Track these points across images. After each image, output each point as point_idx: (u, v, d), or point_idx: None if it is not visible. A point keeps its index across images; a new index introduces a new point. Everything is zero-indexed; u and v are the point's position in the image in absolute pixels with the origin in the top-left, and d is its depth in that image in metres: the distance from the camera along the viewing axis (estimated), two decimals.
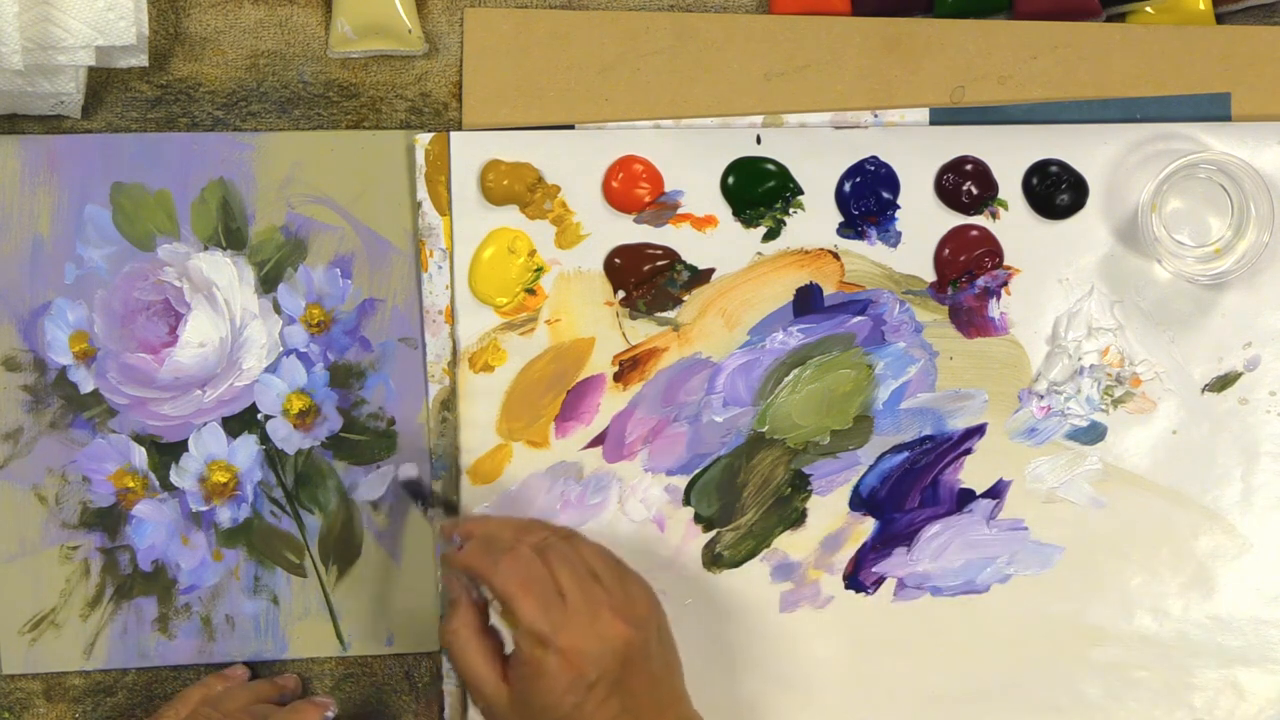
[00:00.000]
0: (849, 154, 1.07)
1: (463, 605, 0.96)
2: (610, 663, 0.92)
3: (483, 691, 0.94)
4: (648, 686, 0.94)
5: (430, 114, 1.07)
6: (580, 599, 0.93)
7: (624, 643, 0.93)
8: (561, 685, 0.91)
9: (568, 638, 0.92)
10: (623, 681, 0.93)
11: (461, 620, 0.95)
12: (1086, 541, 1.07)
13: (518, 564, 0.94)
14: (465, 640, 0.95)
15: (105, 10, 0.99)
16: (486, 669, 0.94)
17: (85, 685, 1.05)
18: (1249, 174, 1.04)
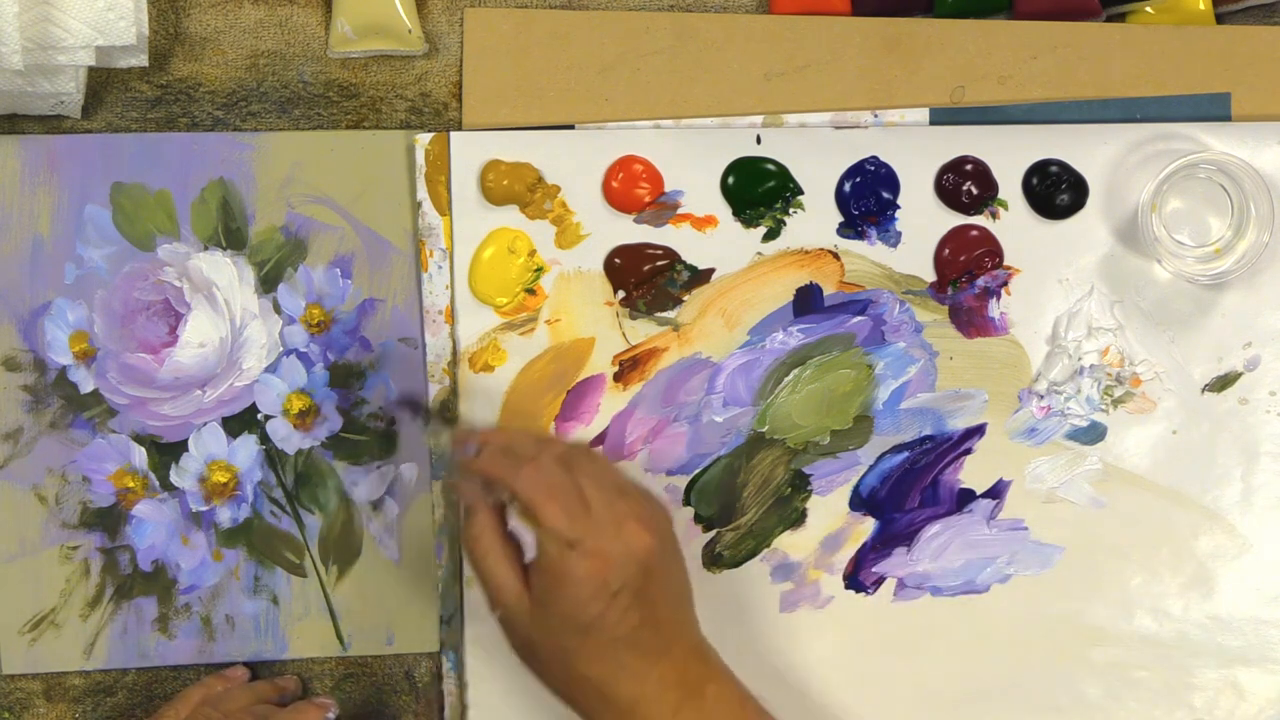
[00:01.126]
0: (849, 154, 1.07)
1: (482, 511, 0.94)
2: (634, 571, 0.92)
3: (504, 598, 0.93)
4: (667, 602, 0.94)
5: (430, 114, 1.07)
6: (604, 508, 0.93)
7: (647, 552, 0.92)
8: (587, 591, 0.91)
9: (594, 543, 0.91)
10: (644, 592, 0.92)
11: (482, 525, 0.94)
12: (1086, 541, 1.07)
13: (541, 472, 0.93)
14: (488, 545, 0.94)
15: (105, 10, 0.99)
16: (509, 575, 0.93)
17: (85, 685, 1.05)
18: (1249, 174, 1.04)
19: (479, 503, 0.94)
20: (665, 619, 0.93)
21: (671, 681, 0.93)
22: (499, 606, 0.94)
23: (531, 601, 0.92)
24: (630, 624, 0.92)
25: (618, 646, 0.92)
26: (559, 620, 0.92)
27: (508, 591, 0.93)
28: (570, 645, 0.92)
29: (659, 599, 0.93)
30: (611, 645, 0.92)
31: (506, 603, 0.93)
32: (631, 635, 0.92)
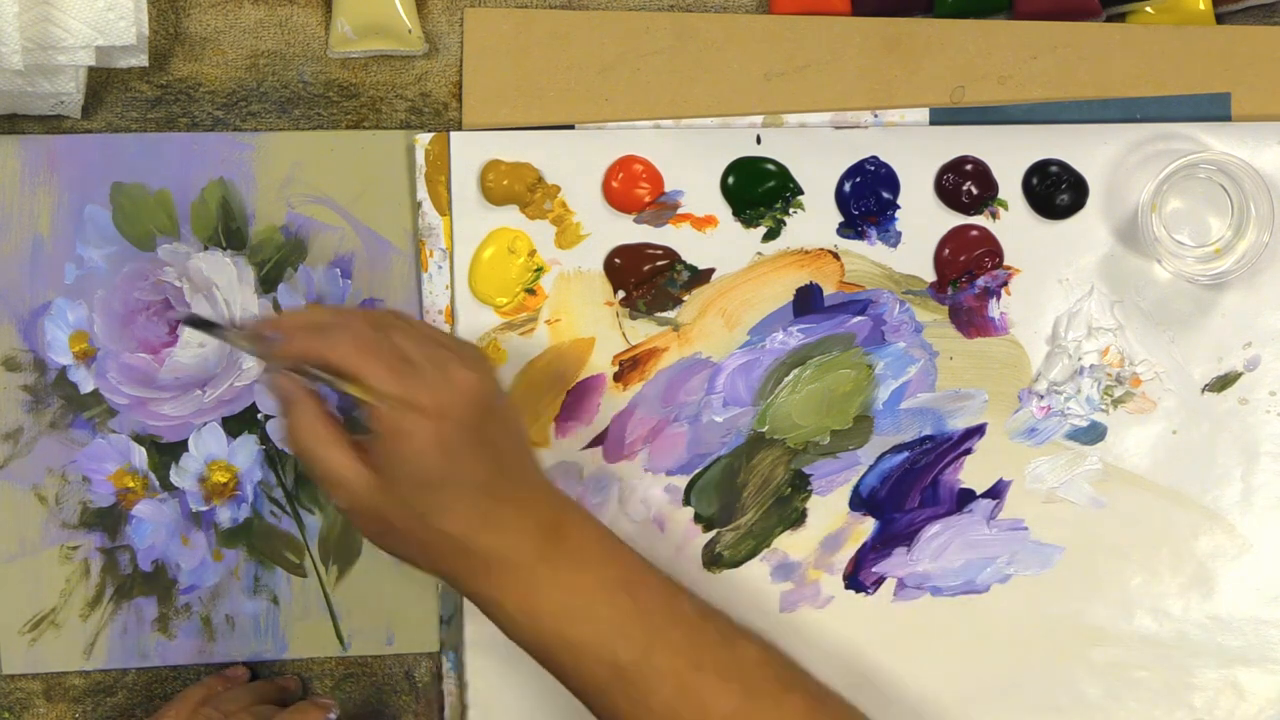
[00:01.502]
0: (849, 154, 1.07)
1: (301, 400, 0.91)
2: (470, 412, 0.89)
3: (346, 482, 0.90)
4: (509, 445, 0.91)
5: (430, 114, 1.07)
6: (426, 359, 0.90)
7: (480, 394, 0.90)
8: (430, 446, 0.88)
9: (425, 394, 0.88)
10: (486, 436, 0.90)
11: (305, 414, 0.90)
12: (1086, 541, 1.07)
13: (355, 336, 0.90)
14: (315, 434, 0.90)
15: (105, 10, 0.99)
16: (345, 457, 0.90)
17: (85, 685, 1.05)
18: (1249, 174, 1.04)
19: (296, 392, 0.91)
20: (512, 463, 0.91)
21: (530, 526, 0.90)
22: (341, 492, 0.90)
23: (375, 476, 0.89)
24: (480, 467, 0.89)
25: (471, 496, 0.89)
26: (408, 484, 0.89)
27: (348, 473, 0.90)
28: (424, 506, 0.89)
29: (501, 443, 0.91)
30: (464, 496, 0.89)
31: (349, 485, 0.90)
32: (482, 483, 0.89)
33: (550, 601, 0.90)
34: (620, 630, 0.90)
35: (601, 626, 0.90)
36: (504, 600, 0.91)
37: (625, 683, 0.90)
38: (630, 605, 0.91)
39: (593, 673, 0.91)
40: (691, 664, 0.90)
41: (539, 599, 0.90)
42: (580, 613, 0.90)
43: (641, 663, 0.90)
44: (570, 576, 0.91)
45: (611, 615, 0.90)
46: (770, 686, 0.91)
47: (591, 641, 0.90)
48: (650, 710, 0.90)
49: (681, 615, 0.92)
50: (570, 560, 0.91)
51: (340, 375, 0.89)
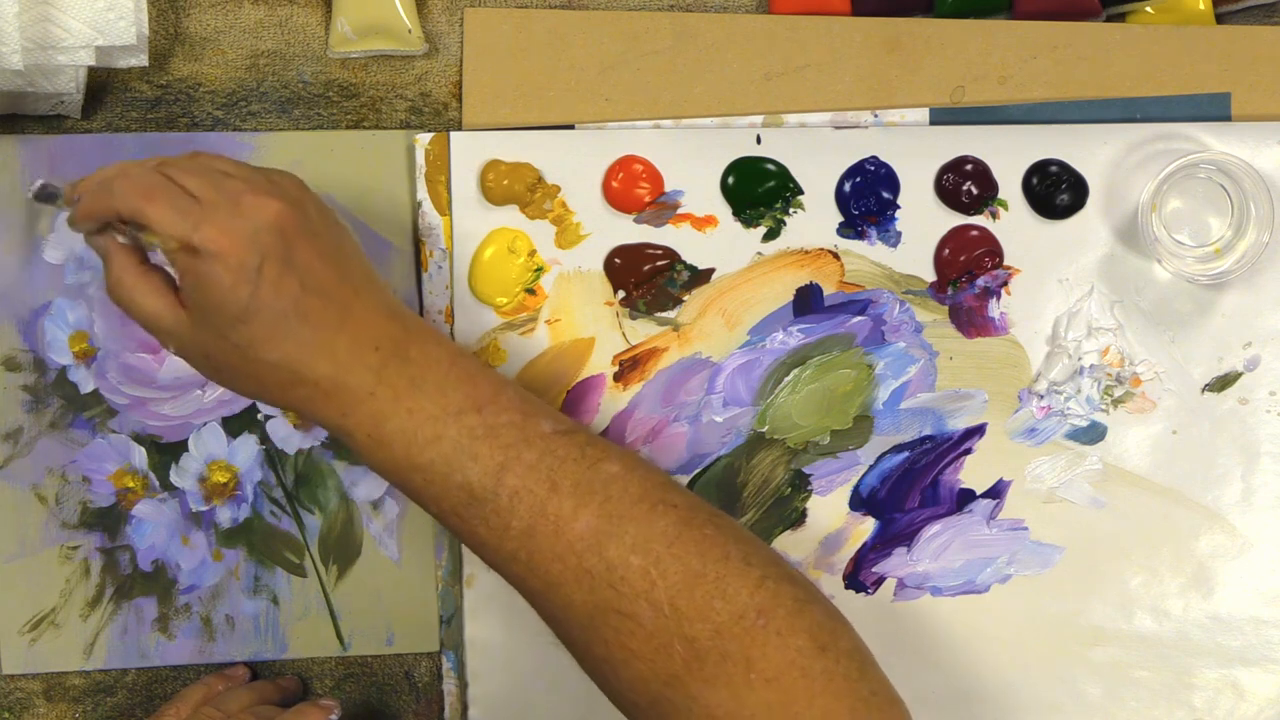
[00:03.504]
0: (849, 154, 1.07)
1: (114, 253, 0.91)
2: (269, 239, 0.88)
3: (164, 324, 0.90)
4: (327, 265, 0.89)
5: (430, 114, 1.07)
6: (213, 193, 0.89)
7: (276, 215, 0.88)
8: (227, 278, 0.87)
9: (211, 229, 0.87)
10: (292, 259, 0.88)
11: (118, 267, 0.90)
12: (1086, 541, 1.07)
13: (133, 180, 0.89)
14: (130, 283, 0.90)
15: (105, 10, 0.99)
16: (160, 301, 0.90)
17: (85, 685, 1.05)
18: (1249, 174, 1.04)
19: (109, 247, 0.91)
20: (331, 282, 0.89)
21: (365, 344, 0.89)
22: (164, 336, 0.90)
23: (189, 317, 0.89)
24: (290, 295, 0.88)
25: (286, 321, 0.88)
26: (218, 319, 0.88)
27: (164, 317, 0.90)
28: (239, 338, 0.88)
29: (314, 264, 0.89)
30: (279, 322, 0.88)
31: (168, 327, 0.90)
32: (297, 307, 0.88)
33: (396, 425, 0.88)
34: (470, 451, 0.88)
35: (449, 448, 0.88)
36: (351, 427, 0.89)
37: (480, 505, 0.88)
38: (479, 425, 0.89)
39: (447, 496, 0.89)
40: (547, 483, 0.88)
41: (384, 423, 0.88)
42: (428, 435, 0.88)
43: (494, 484, 0.88)
44: (414, 398, 0.89)
45: (458, 437, 0.88)
46: (635, 507, 0.89)
47: (440, 464, 0.88)
48: (507, 532, 0.88)
49: (537, 434, 0.89)
50: (413, 383, 0.89)
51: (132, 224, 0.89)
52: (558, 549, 0.88)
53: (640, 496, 0.89)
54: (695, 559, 0.88)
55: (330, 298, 0.89)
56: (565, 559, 0.88)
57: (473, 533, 0.90)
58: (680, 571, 0.87)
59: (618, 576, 0.87)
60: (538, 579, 0.89)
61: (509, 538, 0.89)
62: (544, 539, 0.88)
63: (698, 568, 0.88)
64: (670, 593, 0.87)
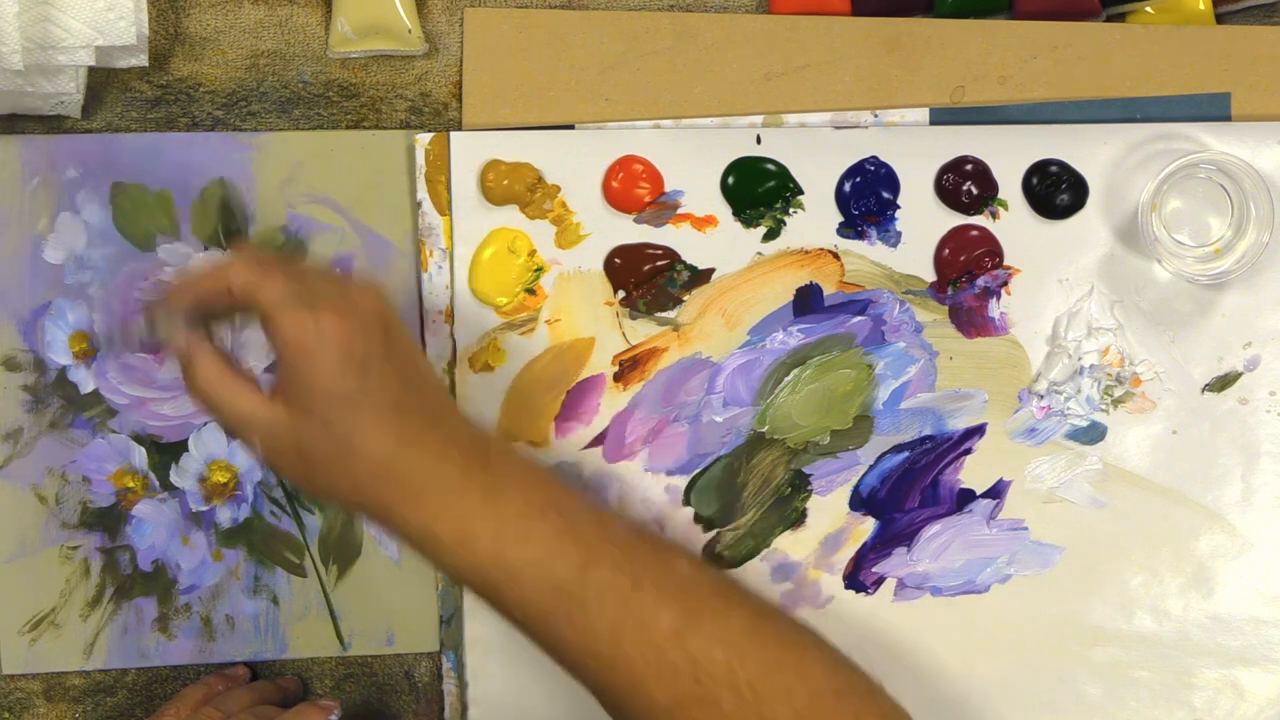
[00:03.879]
0: (849, 154, 1.07)
1: (199, 351, 0.90)
2: (376, 330, 0.88)
3: (258, 420, 0.89)
4: (416, 366, 0.90)
5: (430, 114, 1.07)
6: (320, 278, 0.90)
7: (380, 311, 0.89)
8: (336, 359, 0.87)
9: (326, 311, 0.87)
10: (392, 355, 0.89)
11: (205, 363, 0.90)
12: (1086, 541, 1.07)
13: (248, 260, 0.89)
14: (218, 378, 0.90)
15: (105, 10, 0.99)
16: (253, 395, 0.89)
17: (85, 685, 1.05)
18: (1249, 174, 1.04)
19: (192, 343, 0.90)
20: (423, 382, 0.90)
21: (453, 449, 0.89)
22: (256, 433, 0.89)
23: (286, 407, 0.88)
24: (393, 388, 0.88)
25: (390, 414, 0.88)
26: (323, 404, 0.87)
27: (258, 409, 0.89)
28: (344, 426, 0.87)
29: (408, 365, 0.90)
30: (383, 414, 0.88)
31: (262, 422, 0.88)
32: (398, 401, 0.88)
33: (484, 524, 0.88)
34: (557, 549, 0.88)
35: (537, 545, 0.88)
36: (437, 527, 0.88)
37: (567, 604, 0.88)
38: (563, 524, 0.89)
39: (534, 598, 0.88)
40: (631, 580, 0.88)
41: (473, 522, 0.88)
42: (515, 533, 0.88)
43: (581, 581, 0.88)
44: (501, 498, 0.89)
45: (546, 534, 0.88)
46: (711, 601, 0.89)
47: (530, 562, 0.88)
48: (594, 632, 0.88)
49: (614, 532, 0.90)
50: (498, 482, 0.89)
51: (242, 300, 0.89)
52: (642, 645, 0.88)
53: (714, 591, 0.90)
54: (773, 648, 0.90)
55: (424, 397, 0.90)
56: (649, 655, 0.88)
57: (556, 634, 0.89)
58: (760, 660, 0.89)
59: (701, 669, 0.88)
60: (621, 676, 0.89)
61: (594, 636, 0.88)
62: (630, 635, 0.88)
63: (776, 656, 0.89)
64: (751, 679, 0.88)
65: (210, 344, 0.91)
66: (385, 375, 0.88)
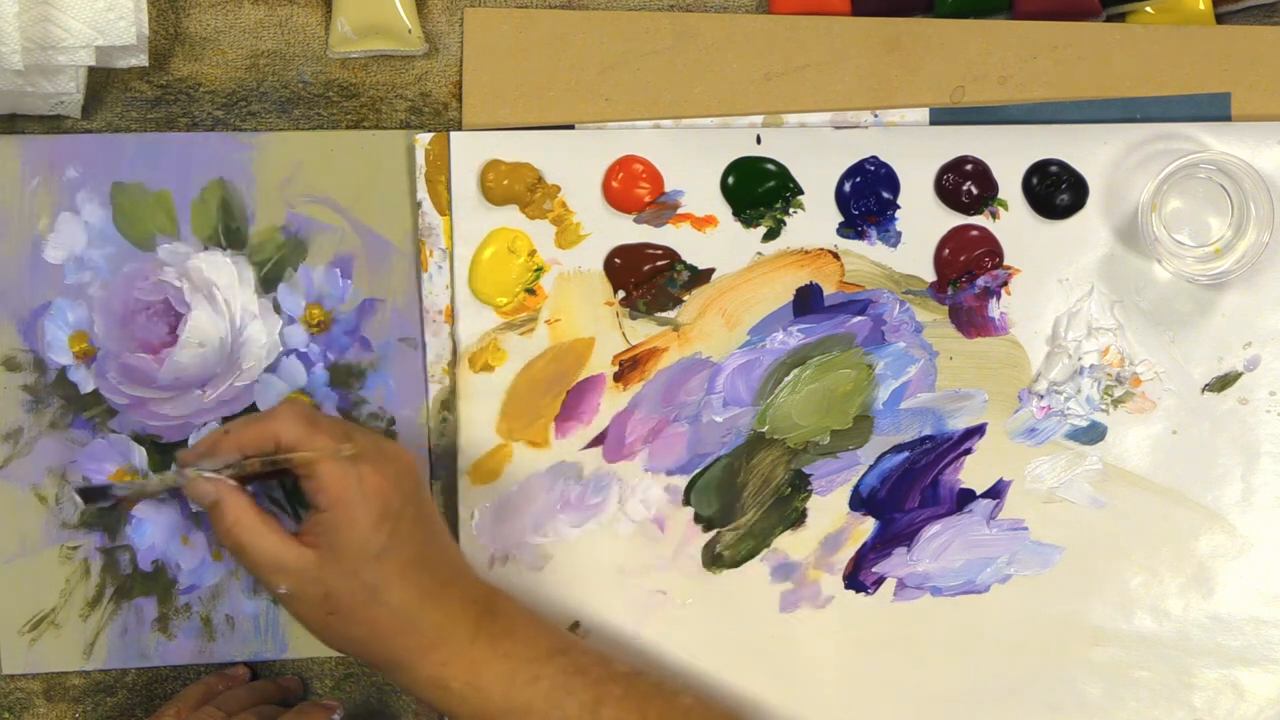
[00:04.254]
0: (849, 154, 1.07)
1: (228, 495, 0.93)
2: (408, 486, 0.93)
3: (288, 564, 0.92)
4: (438, 523, 0.96)
5: (430, 114, 1.07)
6: (361, 434, 0.94)
7: (410, 466, 0.94)
8: (375, 512, 0.91)
9: (368, 466, 0.92)
10: (421, 511, 0.94)
11: (235, 509, 0.93)
12: (1086, 541, 1.07)
13: (295, 412, 0.93)
14: (249, 524, 0.92)
15: (105, 10, 0.99)
16: (284, 540, 0.92)
17: (85, 685, 1.05)
18: (1249, 174, 1.04)
19: (221, 489, 0.93)
20: (444, 538, 0.96)
21: (467, 603, 0.94)
22: (284, 576, 0.92)
23: (317, 553, 0.92)
24: (419, 543, 0.93)
25: (414, 568, 0.92)
26: (353, 555, 0.91)
27: (289, 556, 0.92)
28: (371, 577, 0.92)
29: (434, 518, 0.95)
30: (409, 569, 0.92)
31: (292, 566, 0.92)
32: (422, 556, 0.93)
33: (494, 672, 0.93)
34: (566, 688, 0.94)
35: (546, 686, 0.94)
36: (449, 678, 0.93)
37: None
38: (570, 664, 0.95)
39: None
40: (638, 715, 0.94)
41: (483, 671, 0.93)
42: (524, 677, 0.94)
43: (593, 715, 0.94)
44: (510, 644, 0.94)
45: (554, 675, 0.94)
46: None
47: (539, 703, 0.94)
48: None
49: (618, 672, 0.96)
50: (506, 632, 0.95)
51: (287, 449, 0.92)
52: None
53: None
54: None
55: (445, 553, 0.95)
56: None
57: None
58: None
59: None
60: None
61: None
62: None
63: None
64: None
65: (235, 488, 0.94)
66: (414, 531, 0.93)
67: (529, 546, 1.05)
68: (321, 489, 0.92)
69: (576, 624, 1.05)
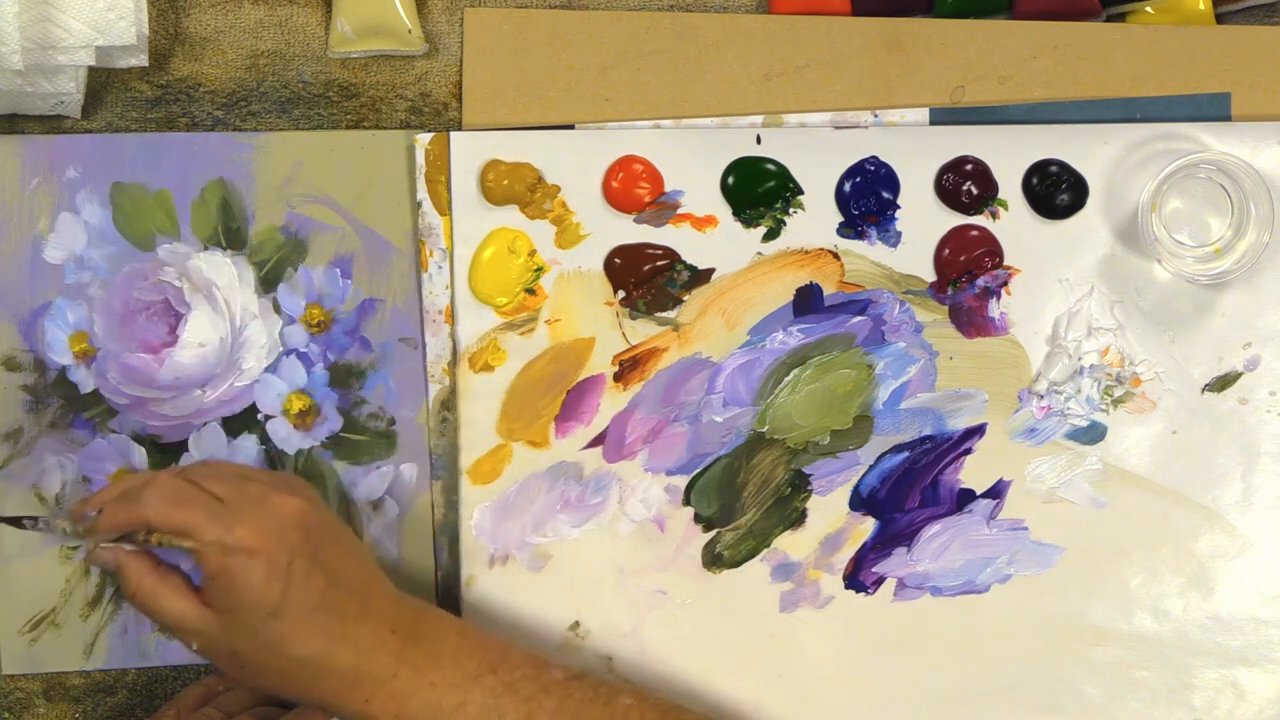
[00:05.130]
0: (849, 154, 1.07)
1: (126, 563, 0.93)
2: (295, 537, 0.92)
3: (191, 627, 0.92)
4: (345, 561, 0.94)
5: (430, 114, 1.07)
6: (238, 495, 0.92)
7: (300, 515, 0.92)
8: (260, 576, 0.91)
9: (243, 530, 0.91)
10: (316, 556, 0.92)
11: (136, 573, 0.93)
12: (1086, 541, 1.07)
13: (162, 489, 0.92)
14: (150, 587, 0.93)
15: (105, 10, 0.99)
16: (185, 602, 0.93)
17: (85, 685, 1.05)
18: (1249, 174, 1.04)
19: (119, 557, 0.94)
20: (351, 577, 0.94)
21: (384, 634, 0.93)
22: (190, 637, 0.93)
23: (217, 616, 0.92)
24: (317, 590, 0.91)
25: (315, 616, 0.92)
26: (249, 616, 0.91)
27: (191, 617, 0.92)
28: (271, 636, 0.91)
29: (335, 560, 0.93)
30: (309, 617, 0.91)
31: (195, 629, 0.92)
32: (323, 601, 0.92)
33: (421, 702, 0.93)
34: (494, 710, 0.93)
35: (474, 711, 0.93)
36: (375, 712, 0.93)
37: None
38: (498, 684, 0.94)
39: None
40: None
41: (408, 701, 0.93)
42: (451, 704, 0.93)
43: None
44: (435, 673, 0.93)
45: (482, 698, 0.93)
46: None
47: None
48: None
49: (552, 681, 0.95)
50: (430, 658, 0.94)
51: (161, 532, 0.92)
52: None
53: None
54: None
55: (353, 590, 0.93)
56: None
57: None
58: None
59: None
60: None
61: None
62: None
63: None
64: None
65: (133, 554, 0.94)
66: (310, 578, 0.92)
67: (529, 546, 1.05)
68: (204, 560, 0.91)
69: (576, 624, 1.05)
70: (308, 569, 0.91)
